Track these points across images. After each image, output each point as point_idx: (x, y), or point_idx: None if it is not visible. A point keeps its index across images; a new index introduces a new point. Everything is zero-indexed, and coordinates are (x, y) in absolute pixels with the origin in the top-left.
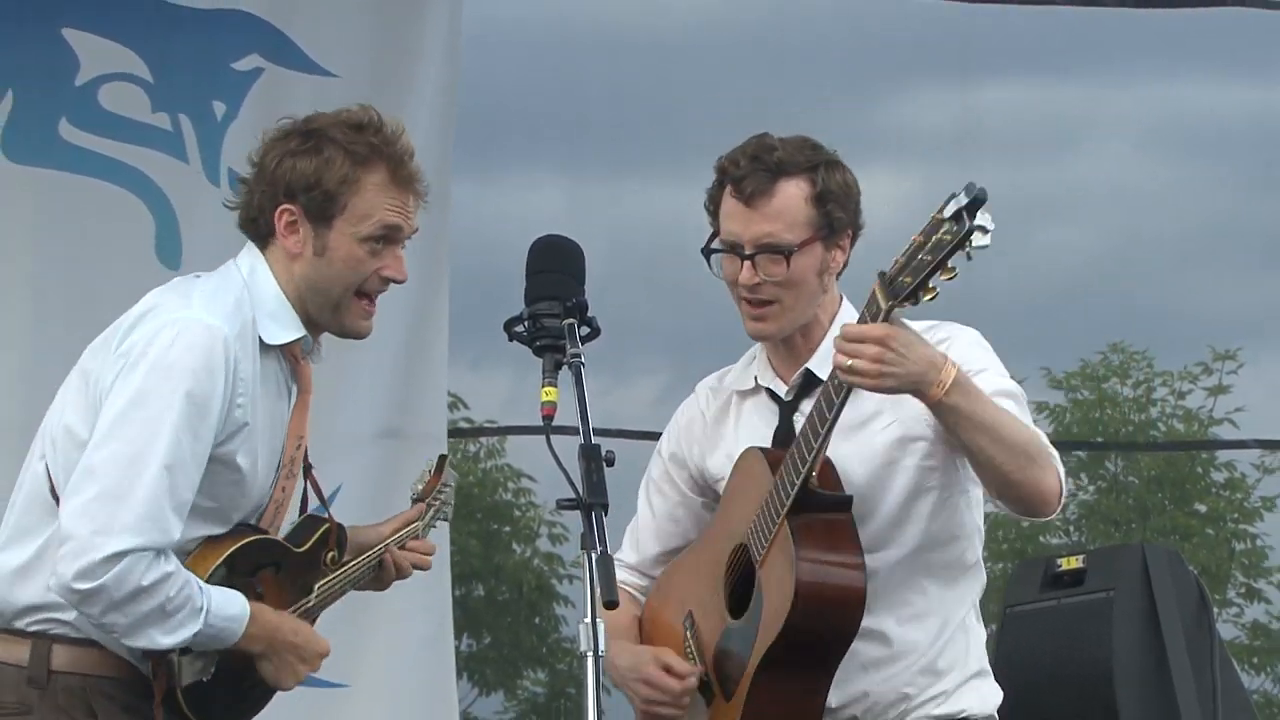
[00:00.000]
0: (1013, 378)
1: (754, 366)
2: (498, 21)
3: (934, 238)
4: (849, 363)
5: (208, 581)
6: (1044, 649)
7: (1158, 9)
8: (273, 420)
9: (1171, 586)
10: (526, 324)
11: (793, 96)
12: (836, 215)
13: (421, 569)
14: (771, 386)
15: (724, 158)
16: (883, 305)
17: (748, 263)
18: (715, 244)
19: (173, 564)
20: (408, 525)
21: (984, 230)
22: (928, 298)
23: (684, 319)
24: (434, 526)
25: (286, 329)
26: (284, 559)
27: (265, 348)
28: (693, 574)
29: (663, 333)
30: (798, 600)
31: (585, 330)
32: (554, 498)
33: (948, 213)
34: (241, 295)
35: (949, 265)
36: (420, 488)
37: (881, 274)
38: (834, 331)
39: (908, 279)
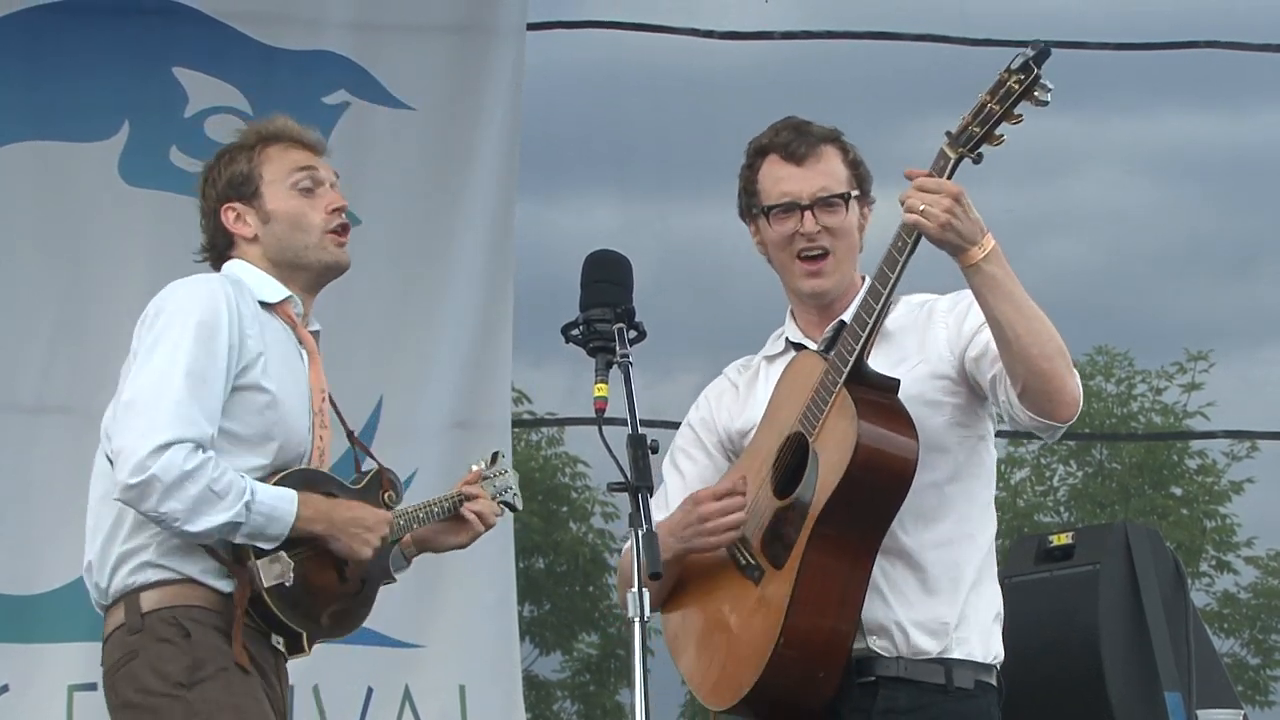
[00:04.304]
0: None
1: (782, 335)
2: (557, 63)
3: (1001, 90)
4: (922, 207)
5: None
6: (1038, 616)
7: (1139, 50)
8: (291, 370)
9: (1151, 560)
10: (581, 328)
11: None
12: (865, 177)
13: (489, 520)
14: (802, 342)
15: (759, 138)
16: (952, 155)
17: (807, 213)
18: (769, 204)
19: (210, 454)
20: (468, 484)
21: (1046, 88)
22: (996, 144)
23: (720, 321)
24: (499, 514)
25: (275, 290)
26: (339, 491)
27: (266, 308)
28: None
29: (701, 334)
30: (858, 451)
31: (633, 334)
32: (606, 481)
33: (1015, 65)
34: (227, 276)
35: (1015, 112)
36: (475, 468)
37: (949, 132)
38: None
39: (977, 128)
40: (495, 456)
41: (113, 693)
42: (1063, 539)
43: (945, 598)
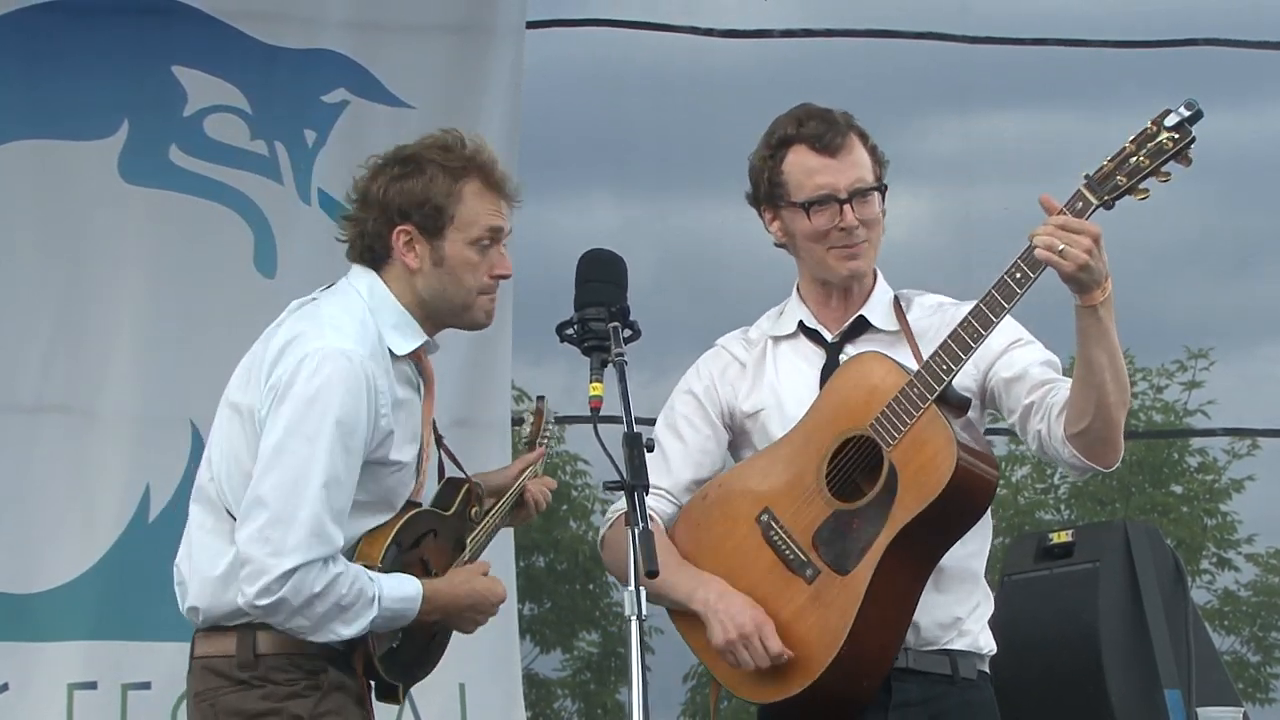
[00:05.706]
0: None
1: (790, 314)
2: (556, 61)
3: (1151, 144)
4: (1063, 247)
5: (382, 560)
6: (1037, 614)
7: (1140, 48)
8: (410, 412)
9: (1150, 558)
10: (575, 327)
11: None
12: (883, 163)
13: (543, 503)
14: (818, 329)
15: (782, 126)
16: (1092, 201)
17: (846, 206)
18: (805, 199)
19: (340, 566)
20: (529, 465)
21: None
22: (1140, 198)
23: (718, 321)
24: (553, 487)
25: (410, 338)
26: (439, 524)
27: (395, 356)
28: (762, 476)
29: (700, 333)
30: (957, 473)
31: (628, 333)
32: (605, 480)
33: (1169, 122)
34: (364, 315)
35: (1164, 170)
36: (530, 430)
37: (1088, 176)
38: (880, 285)
39: (1122, 179)
40: (540, 406)
41: (209, 713)
42: (1063, 537)
43: (957, 596)
